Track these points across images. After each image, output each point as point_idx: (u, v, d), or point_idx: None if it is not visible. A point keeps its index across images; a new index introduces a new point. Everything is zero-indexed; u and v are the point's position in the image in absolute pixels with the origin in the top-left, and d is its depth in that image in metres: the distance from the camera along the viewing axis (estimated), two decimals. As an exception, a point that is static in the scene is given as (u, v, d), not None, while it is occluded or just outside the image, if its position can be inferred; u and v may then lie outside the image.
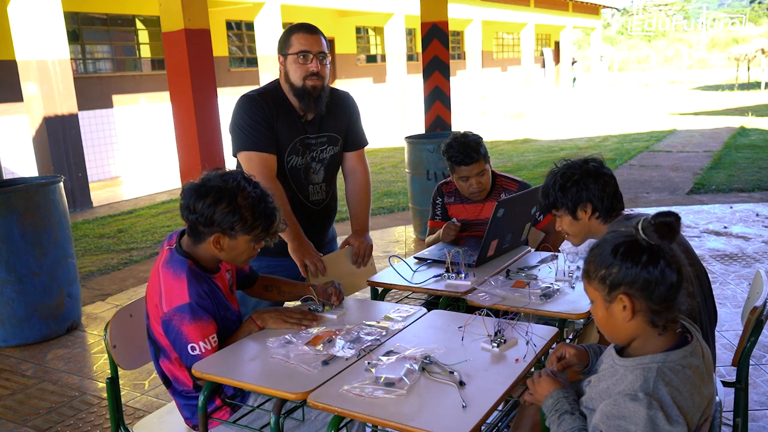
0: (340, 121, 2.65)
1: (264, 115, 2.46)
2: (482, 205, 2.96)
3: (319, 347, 1.78)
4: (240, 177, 1.86)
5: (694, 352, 1.34)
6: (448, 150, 2.86)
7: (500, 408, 1.69)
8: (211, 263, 1.94)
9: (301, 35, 2.44)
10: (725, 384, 2.03)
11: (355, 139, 2.73)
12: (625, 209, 2.12)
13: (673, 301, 1.32)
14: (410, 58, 18.40)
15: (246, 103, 2.50)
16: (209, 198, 1.81)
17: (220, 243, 1.85)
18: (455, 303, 2.32)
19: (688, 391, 1.29)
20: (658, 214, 1.31)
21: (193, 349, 1.81)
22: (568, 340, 2.25)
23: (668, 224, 1.29)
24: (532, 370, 1.68)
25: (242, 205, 1.81)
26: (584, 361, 1.63)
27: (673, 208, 2.07)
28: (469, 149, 2.80)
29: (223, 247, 1.86)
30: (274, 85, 2.56)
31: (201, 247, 1.89)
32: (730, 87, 23.81)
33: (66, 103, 8.11)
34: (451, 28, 10.24)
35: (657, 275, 1.30)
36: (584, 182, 2.03)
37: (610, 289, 1.34)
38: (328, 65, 2.51)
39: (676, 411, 1.25)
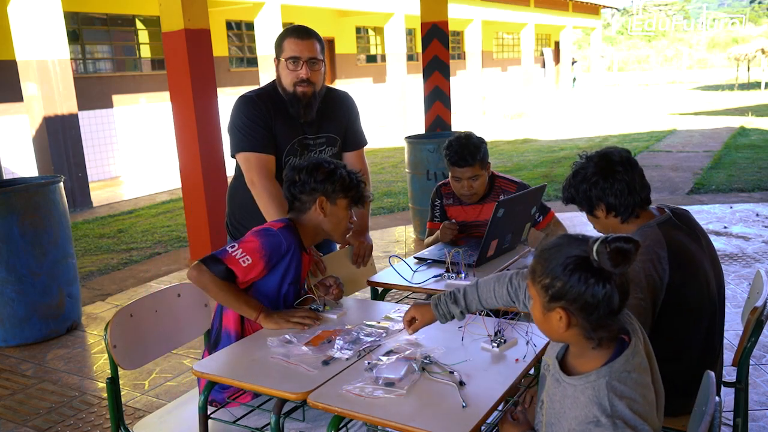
0: (339, 121, 2.65)
1: (262, 116, 2.46)
2: (481, 206, 2.95)
3: (318, 347, 1.78)
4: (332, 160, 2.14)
5: (635, 352, 1.30)
6: (447, 148, 2.86)
7: (500, 408, 1.69)
8: (308, 240, 2.09)
9: (293, 40, 2.43)
10: (725, 384, 2.03)
11: (354, 139, 2.73)
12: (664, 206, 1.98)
13: (611, 321, 1.28)
14: (410, 58, 18.39)
15: (244, 103, 2.50)
16: (310, 165, 2.06)
17: (323, 208, 2.05)
18: (455, 303, 2.32)
19: (640, 395, 1.27)
20: (616, 239, 1.21)
21: (233, 247, 1.93)
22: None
23: (623, 252, 1.20)
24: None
25: (337, 172, 2.07)
26: (428, 321, 1.79)
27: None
28: (465, 152, 2.78)
29: (326, 212, 2.06)
30: (272, 86, 2.56)
31: (304, 218, 2.08)
32: (730, 87, 23.81)
33: (66, 103, 8.11)
34: (451, 28, 10.24)
35: (599, 299, 1.23)
36: (594, 181, 1.90)
37: (550, 300, 1.29)
38: (322, 71, 2.48)
39: (640, 420, 1.24)
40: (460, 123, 15.10)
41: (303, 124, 2.55)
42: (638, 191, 1.91)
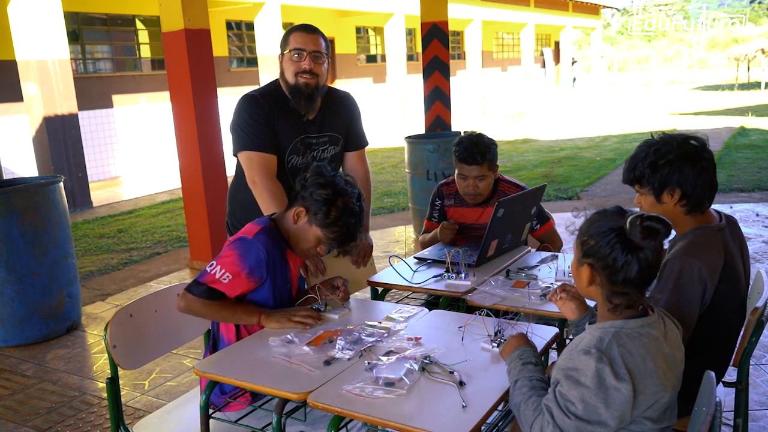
0: (341, 120, 2.66)
1: (265, 115, 2.47)
2: (482, 210, 2.93)
3: (320, 348, 1.78)
4: (357, 191, 1.97)
5: (652, 324, 1.44)
6: (457, 144, 2.85)
7: (500, 408, 1.69)
8: (290, 239, 2.03)
9: (298, 34, 2.46)
10: (725, 384, 2.03)
11: (356, 140, 2.74)
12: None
13: (630, 291, 1.42)
14: (410, 58, 18.39)
15: (247, 102, 2.50)
16: (322, 179, 1.93)
17: (299, 216, 1.95)
18: (455, 303, 2.32)
19: (640, 356, 1.38)
20: (649, 217, 1.38)
21: (211, 266, 1.89)
22: (568, 341, 2.25)
23: (653, 229, 1.37)
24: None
25: (337, 205, 1.90)
26: (582, 309, 1.72)
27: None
28: (475, 150, 2.77)
29: (297, 222, 1.96)
30: (275, 85, 2.57)
31: (288, 213, 1.99)
32: (730, 87, 23.80)
33: (66, 103, 8.11)
34: (451, 28, 10.23)
35: (620, 265, 1.40)
36: (679, 165, 1.81)
37: (583, 255, 1.47)
38: (325, 66, 2.50)
39: (624, 370, 1.35)
40: (460, 123, 15.10)
41: (305, 123, 2.55)
42: (714, 186, 1.86)
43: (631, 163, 1.92)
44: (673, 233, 1.91)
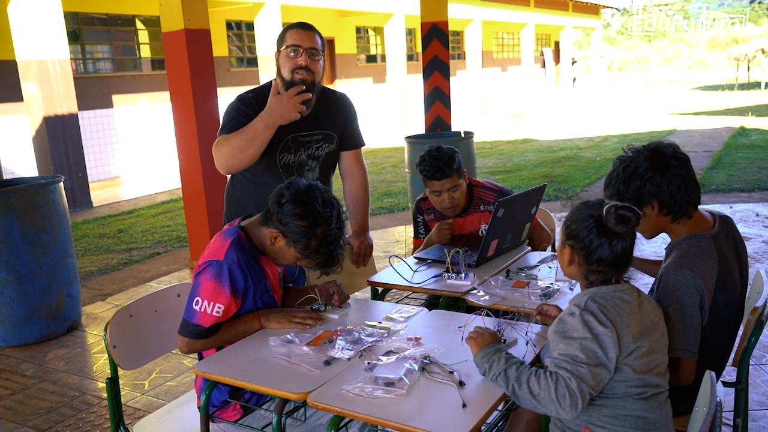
0: (335, 119, 2.66)
1: (248, 114, 2.47)
2: (464, 219, 2.92)
3: (320, 347, 1.78)
4: (336, 211, 1.91)
5: (624, 291, 1.60)
6: (420, 163, 2.81)
7: (500, 408, 1.69)
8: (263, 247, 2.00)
9: (295, 31, 2.48)
10: (725, 384, 2.03)
11: (351, 139, 2.74)
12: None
13: (603, 268, 1.60)
14: (410, 58, 18.39)
15: (237, 101, 2.55)
16: (299, 209, 1.86)
17: (276, 239, 1.92)
18: (455, 303, 2.32)
19: (615, 311, 1.55)
20: (621, 207, 1.56)
21: (197, 303, 1.86)
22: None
23: (625, 217, 1.55)
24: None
25: (317, 235, 1.87)
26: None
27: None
28: (441, 163, 2.74)
29: (275, 245, 1.93)
30: (269, 86, 2.58)
31: (263, 230, 1.95)
32: (730, 87, 23.79)
33: (66, 103, 8.11)
34: (451, 28, 10.24)
35: (595, 246, 1.59)
36: (649, 176, 1.81)
37: (566, 237, 1.65)
38: (321, 63, 2.51)
39: (605, 318, 1.53)
40: (460, 123, 15.10)
41: (297, 121, 2.54)
42: (693, 188, 1.83)
43: (606, 181, 1.95)
44: (668, 240, 1.92)
